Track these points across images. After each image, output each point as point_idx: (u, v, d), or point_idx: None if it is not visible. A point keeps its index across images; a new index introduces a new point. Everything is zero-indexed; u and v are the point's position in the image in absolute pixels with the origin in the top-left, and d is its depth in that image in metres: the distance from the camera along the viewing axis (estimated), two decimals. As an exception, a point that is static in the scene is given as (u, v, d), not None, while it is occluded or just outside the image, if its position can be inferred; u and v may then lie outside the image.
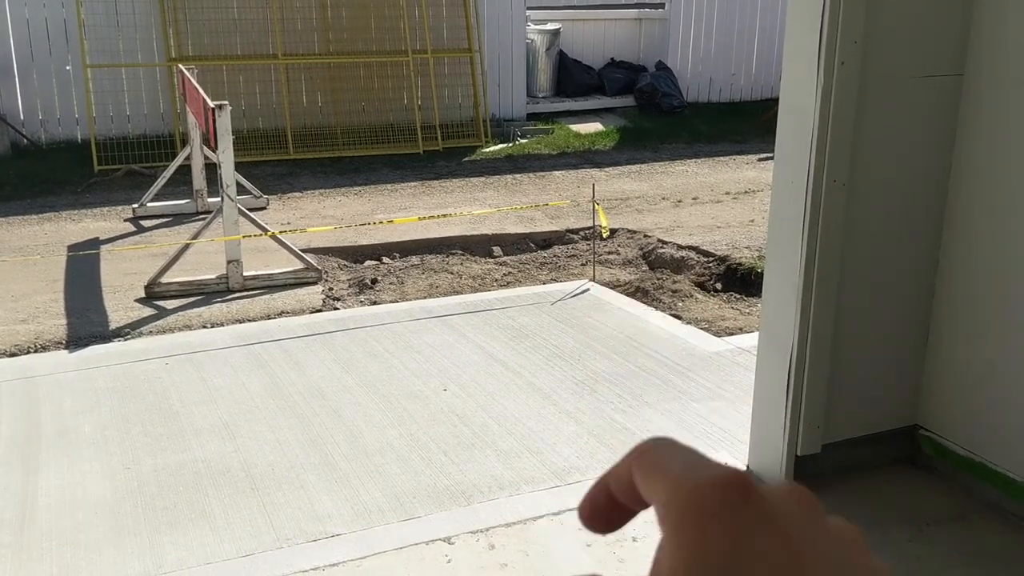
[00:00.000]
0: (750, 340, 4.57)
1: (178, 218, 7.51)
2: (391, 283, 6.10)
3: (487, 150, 10.28)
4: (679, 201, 8.23)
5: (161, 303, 5.58)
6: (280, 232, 6.20)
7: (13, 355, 4.84)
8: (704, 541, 0.32)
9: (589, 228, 6.88)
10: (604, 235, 6.64)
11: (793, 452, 3.35)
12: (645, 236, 7.08)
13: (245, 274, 5.81)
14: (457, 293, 5.83)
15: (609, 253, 6.77)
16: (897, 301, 3.42)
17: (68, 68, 9.57)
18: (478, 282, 6.10)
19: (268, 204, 7.94)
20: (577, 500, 0.39)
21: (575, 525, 3.18)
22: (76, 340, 5.02)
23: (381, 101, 10.45)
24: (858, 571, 0.34)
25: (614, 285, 5.96)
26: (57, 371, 4.57)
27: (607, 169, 9.55)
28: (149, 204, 7.60)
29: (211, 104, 5.58)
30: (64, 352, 4.85)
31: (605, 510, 0.38)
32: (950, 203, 3.36)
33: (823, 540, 0.33)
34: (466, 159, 9.93)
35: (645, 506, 0.36)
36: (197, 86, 6.41)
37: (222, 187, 5.63)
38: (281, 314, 5.45)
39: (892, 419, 3.54)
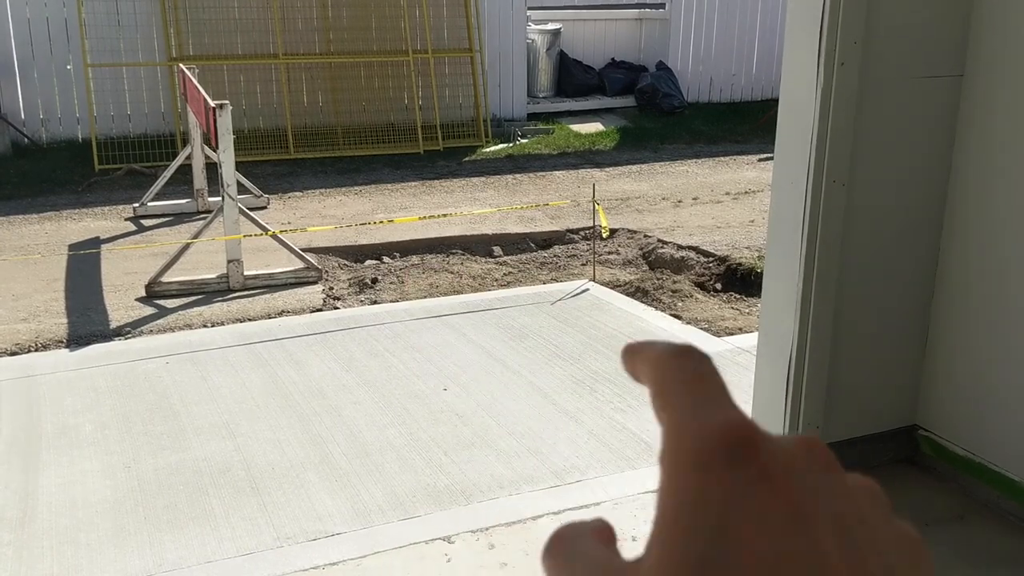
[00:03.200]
0: (749, 340, 4.57)
1: (179, 217, 7.52)
2: (391, 283, 6.11)
3: (487, 150, 10.29)
4: (679, 201, 8.24)
5: (162, 302, 5.58)
6: (280, 231, 6.20)
7: (14, 354, 4.84)
8: (696, 492, 0.29)
9: (589, 228, 6.88)
10: (604, 235, 6.64)
11: (792, 452, 3.35)
12: (645, 236, 7.09)
13: (246, 273, 5.82)
14: (457, 293, 5.84)
15: (609, 253, 6.77)
16: (896, 301, 3.43)
17: (69, 67, 9.58)
18: (478, 282, 6.11)
19: (269, 203, 7.95)
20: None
21: (575, 524, 3.19)
22: (77, 339, 5.03)
23: (382, 101, 10.45)
24: (875, 531, 0.30)
25: (614, 285, 5.96)
26: (58, 370, 4.57)
27: (607, 169, 9.55)
28: (150, 203, 7.60)
29: (212, 103, 5.58)
30: (65, 351, 4.86)
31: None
32: (950, 203, 3.37)
33: (836, 498, 0.30)
34: (466, 159, 9.94)
35: None
36: (198, 85, 6.42)
37: (223, 186, 5.63)
38: (282, 313, 5.46)
39: (891, 419, 3.54)
